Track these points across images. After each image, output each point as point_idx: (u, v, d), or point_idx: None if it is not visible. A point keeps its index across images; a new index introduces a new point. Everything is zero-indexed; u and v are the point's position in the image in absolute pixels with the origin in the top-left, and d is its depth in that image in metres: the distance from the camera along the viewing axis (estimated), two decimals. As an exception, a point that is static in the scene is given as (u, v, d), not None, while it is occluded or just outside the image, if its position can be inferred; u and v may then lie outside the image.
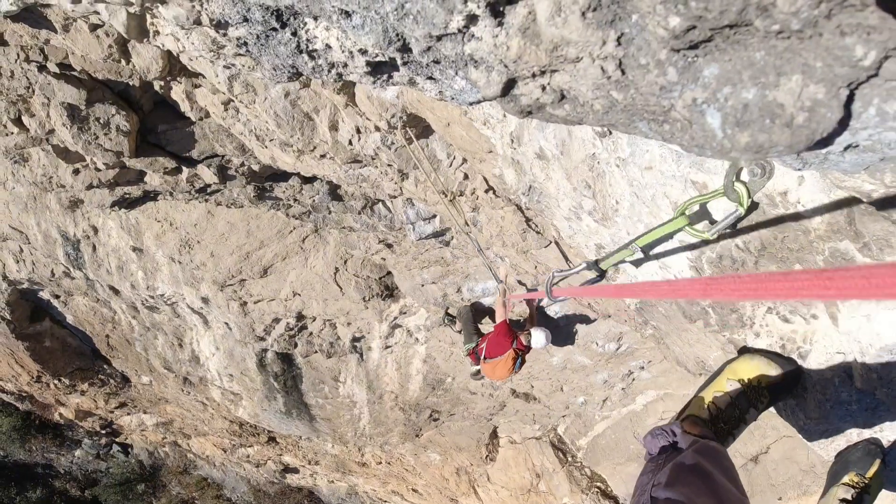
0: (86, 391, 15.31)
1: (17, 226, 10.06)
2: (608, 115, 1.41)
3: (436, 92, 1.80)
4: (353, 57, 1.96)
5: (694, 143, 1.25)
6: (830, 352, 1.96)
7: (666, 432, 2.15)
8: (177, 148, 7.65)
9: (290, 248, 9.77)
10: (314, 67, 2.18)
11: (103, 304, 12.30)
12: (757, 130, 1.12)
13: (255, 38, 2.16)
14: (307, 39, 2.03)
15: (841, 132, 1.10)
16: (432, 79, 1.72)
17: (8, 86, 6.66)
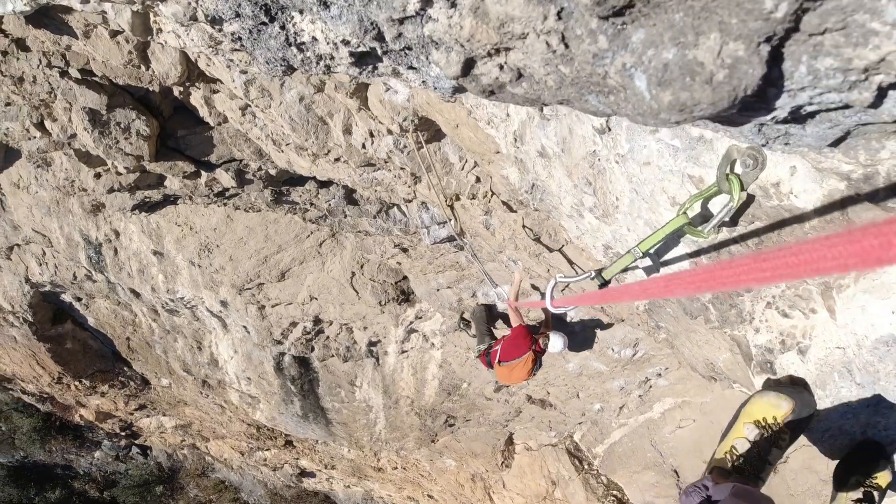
0: (106, 393, 15.51)
1: (41, 229, 10.26)
2: (561, 91, 1.41)
3: (419, 81, 1.83)
4: (337, 48, 2.00)
5: (635, 111, 1.26)
6: (830, 346, 1.94)
7: (699, 488, 2.13)
8: (196, 152, 7.77)
9: (307, 253, 9.84)
10: (303, 60, 2.22)
11: (124, 306, 12.48)
12: (678, 89, 1.12)
13: (247, 32, 2.21)
14: (294, 32, 2.07)
15: (777, 94, 1.09)
16: (413, 68, 1.75)
17: (31, 91, 6.82)
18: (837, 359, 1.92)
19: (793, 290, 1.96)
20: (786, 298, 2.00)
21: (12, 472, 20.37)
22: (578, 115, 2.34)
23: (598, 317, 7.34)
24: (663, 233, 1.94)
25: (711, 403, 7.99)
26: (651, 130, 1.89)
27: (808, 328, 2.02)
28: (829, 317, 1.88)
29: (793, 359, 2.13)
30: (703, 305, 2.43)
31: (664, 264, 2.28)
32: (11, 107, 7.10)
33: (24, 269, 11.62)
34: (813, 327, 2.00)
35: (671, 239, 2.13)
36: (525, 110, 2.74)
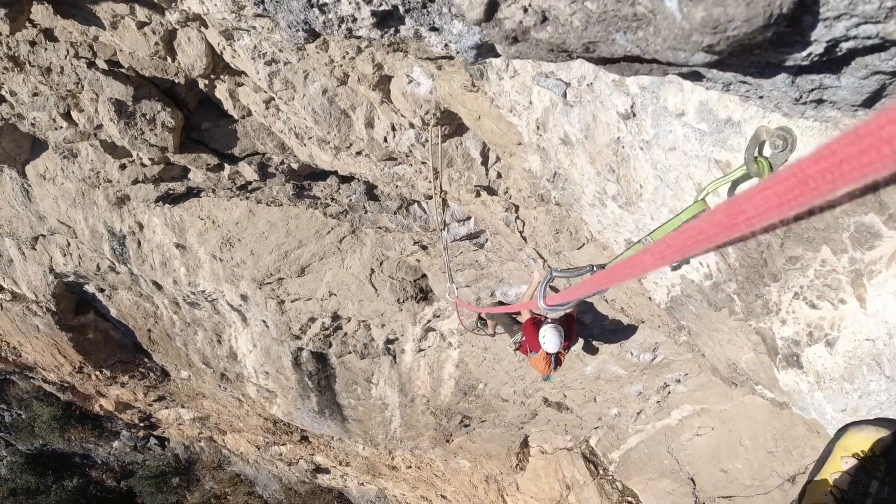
0: (126, 383, 15.71)
1: (66, 220, 10.41)
2: (587, 31, 1.37)
3: (442, 46, 1.80)
4: (359, 8, 1.98)
5: (665, 43, 1.19)
6: (859, 338, 1.87)
7: None
8: (219, 145, 7.83)
9: (327, 249, 9.87)
10: (325, 22, 2.20)
11: (146, 298, 12.62)
12: (711, 4, 1.06)
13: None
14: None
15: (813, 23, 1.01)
16: (435, 29, 1.72)
17: (58, 81, 6.92)
18: (866, 351, 1.85)
19: (822, 280, 1.90)
20: (814, 288, 1.94)
21: (31, 459, 20.68)
22: (603, 101, 2.30)
23: (618, 317, 7.25)
24: (679, 220, 1.87)
25: (731, 411, 7.85)
26: (677, 114, 1.84)
27: (837, 319, 1.95)
28: (859, 306, 1.82)
29: (820, 351, 2.06)
30: (728, 296, 2.37)
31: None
32: (39, 97, 7.21)
33: (48, 260, 11.81)
34: (842, 318, 1.93)
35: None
36: (549, 96, 2.70)
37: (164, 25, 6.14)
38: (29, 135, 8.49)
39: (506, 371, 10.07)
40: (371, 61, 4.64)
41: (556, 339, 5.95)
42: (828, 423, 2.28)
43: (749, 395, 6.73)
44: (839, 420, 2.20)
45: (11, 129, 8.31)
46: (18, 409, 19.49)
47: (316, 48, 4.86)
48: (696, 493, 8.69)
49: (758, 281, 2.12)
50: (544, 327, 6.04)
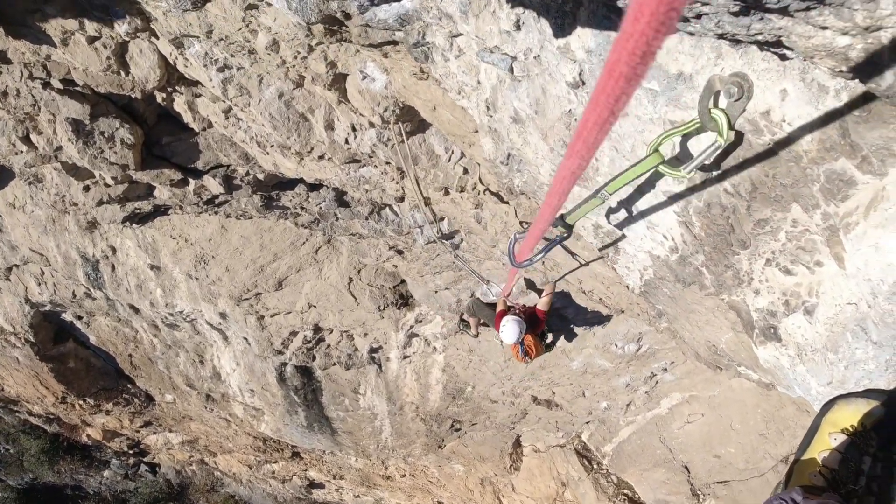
0: (111, 411, 15.38)
1: (38, 248, 10.18)
2: None
3: None
4: None
5: None
6: (840, 303, 1.73)
7: (785, 501, 1.90)
8: (182, 159, 7.63)
9: (303, 260, 9.70)
10: None
11: (125, 323, 12.36)
12: None
13: None
14: None
15: None
16: None
17: (14, 104, 6.71)
18: (849, 316, 1.71)
19: (794, 242, 1.76)
20: (787, 253, 1.80)
21: (22, 494, 20.27)
22: (551, 72, 2.15)
23: (598, 308, 7.14)
24: (634, 173, 1.74)
25: (719, 396, 7.77)
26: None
27: (815, 284, 1.81)
28: (838, 267, 1.68)
29: (799, 321, 1.92)
30: (696, 270, 2.23)
31: (642, 215, 2.07)
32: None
33: (23, 290, 11.53)
34: (820, 283, 1.79)
35: (649, 189, 1.92)
36: (496, 73, 2.55)
37: (114, 39, 5.96)
38: (-6, 163, 8.25)
39: (493, 372, 9.93)
40: (324, 59, 4.49)
41: (513, 330, 5.86)
42: (813, 398, 2.14)
43: (736, 379, 6.63)
44: (825, 395, 2.06)
45: (-25, 160, 8.08)
46: (6, 443, 19.14)
47: (267, 49, 4.71)
48: (691, 480, 8.59)
49: (726, 250, 1.98)
50: (504, 319, 5.97)
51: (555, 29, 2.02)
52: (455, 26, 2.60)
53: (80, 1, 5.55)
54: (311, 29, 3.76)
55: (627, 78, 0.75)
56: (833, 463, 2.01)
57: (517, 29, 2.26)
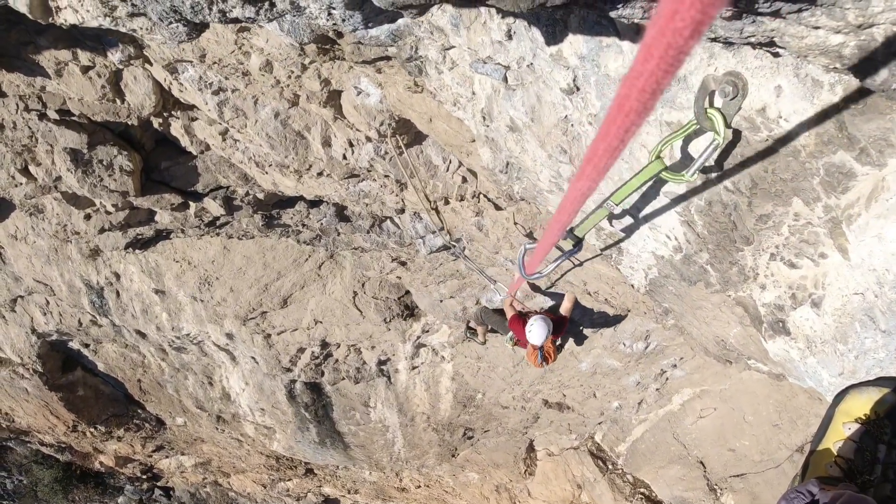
0: (122, 437, 15.37)
1: (42, 278, 10.19)
2: None
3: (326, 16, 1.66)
4: None
5: None
6: (846, 293, 1.73)
7: (802, 493, 1.89)
8: (181, 183, 7.65)
9: (307, 276, 9.71)
10: (193, 6, 2.07)
11: (132, 348, 12.37)
12: None
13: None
14: None
15: None
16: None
17: (11, 137, 6.74)
18: (857, 306, 1.71)
19: (797, 235, 1.76)
20: (791, 246, 1.80)
21: (38, 525, 20.22)
22: (545, 80, 2.17)
23: (604, 309, 7.13)
24: (638, 181, 1.75)
25: (731, 389, 7.74)
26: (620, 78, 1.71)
27: (820, 276, 1.81)
28: (842, 258, 1.68)
29: (807, 314, 1.93)
30: (701, 268, 2.23)
31: (644, 217, 2.08)
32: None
33: (29, 321, 11.55)
34: (825, 274, 1.79)
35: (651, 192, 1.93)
36: (490, 83, 2.57)
37: (108, 67, 5.99)
38: (-6, 195, 8.28)
39: (502, 378, 9.91)
40: (317, 77, 4.51)
41: (542, 331, 5.74)
42: (825, 390, 2.14)
43: (746, 371, 6.62)
44: (837, 386, 2.06)
45: (-24, 192, 8.11)
46: (19, 474, 19.13)
47: (260, 70, 4.73)
48: (707, 475, 8.55)
49: (730, 247, 1.99)
50: (532, 318, 5.84)
51: (546, 37, 2.04)
52: (447, 39, 2.62)
53: (72, 31, 5.59)
54: (304, 48, 3.79)
55: (638, 112, 0.78)
56: (848, 453, 2.00)
57: (509, 38, 2.28)
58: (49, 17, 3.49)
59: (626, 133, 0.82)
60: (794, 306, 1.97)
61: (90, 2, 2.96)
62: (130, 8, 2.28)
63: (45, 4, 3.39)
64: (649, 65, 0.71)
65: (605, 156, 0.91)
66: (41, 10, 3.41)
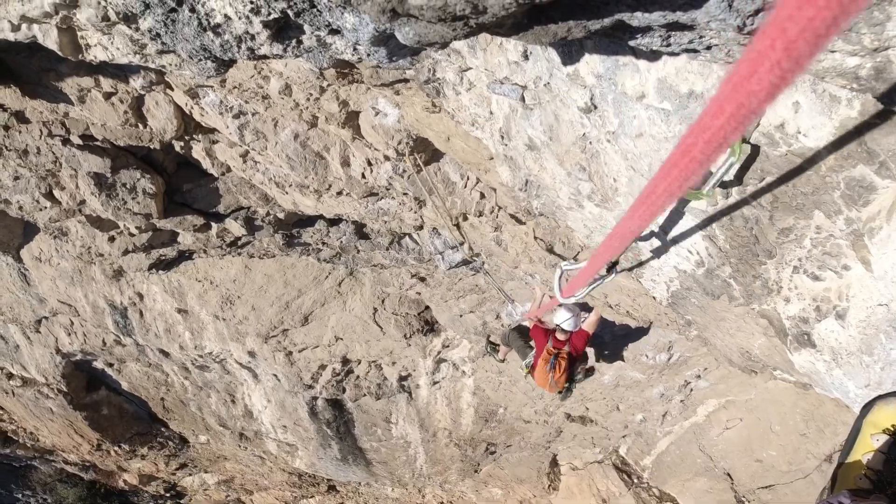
0: (146, 455, 15.48)
1: (66, 299, 10.35)
2: None
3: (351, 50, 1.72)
4: (250, 22, 1.90)
5: None
6: (871, 305, 1.73)
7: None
8: (203, 205, 7.78)
9: (327, 294, 9.78)
10: (223, 45, 2.13)
11: (155, 367, 12.49)
12: None
13: (162, 24, 2.13)
14: (206, 14, 1.99)
15: None
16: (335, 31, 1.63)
17: (35, 162, 6.89)
18: (881, 317, 1.71)
19: (820, 248, 1.77)
20: (813, 259, 1.81)
21: (62, 544, 20.32)
22: (562, 99, 2.20)
23: (626, 322, 7.09)
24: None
25: (756, 399, 7.64)
26: (638, 97, 1.74)
27: (844, 288, 1.81)
28: (865, 270, 1.68)
29: (832, 326, 1.92)
30: (724, 282, 2.23)
31: (673, 242, 2.10)
32: (20, 180, 7.18)
33: (53, 341, 11.72)
34: (849, 286, 1.79)
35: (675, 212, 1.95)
36: (507, 103, 2.61)
37: (130, 93, 6.13)
38: (19, 219, 8.46)
39: (523, 392, 9.87)
40: (336, 99, 4.59)
41: (568, 315, 5.51)
42: (852, 401, 2.13)
43: (772, 381, 6.53)
44: (863, 397, 2.04)
45: (1, 216, 8.30)
46: (43, 493, 19.25)
47: (280, 94, 4.83)
48: (735, 487, 8.42)
49: (752, 260, 1.99)
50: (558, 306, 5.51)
51: (562, 57, 2.07)
52: (464, 61, 2.67)
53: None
54: (323, 73, 3.86)
55: (700, 162, 0.80)
56: (878, 464, 1.99)
57: (525, 59, 2.32)
58: (79, 55, 3.60)
59: (685, 178, 0.84)
60: (818, 318, 1.97)
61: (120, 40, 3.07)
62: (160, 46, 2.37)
63: (74, 42, 3.50)
64: (718, 120, 0.73)
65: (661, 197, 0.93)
66: (71, 47, 3.51)
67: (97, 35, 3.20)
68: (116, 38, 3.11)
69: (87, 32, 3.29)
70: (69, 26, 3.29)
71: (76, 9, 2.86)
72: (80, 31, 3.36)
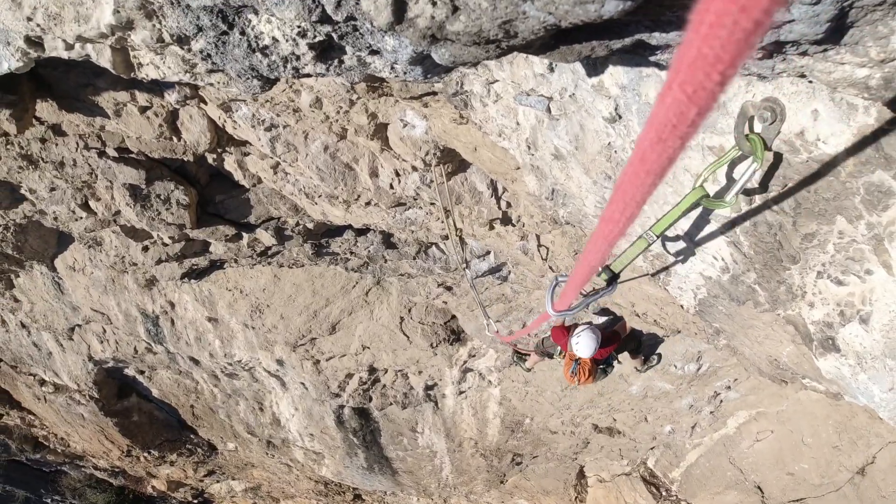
0: (175, 462, 15.72)
1: (99, 308, 10.60)
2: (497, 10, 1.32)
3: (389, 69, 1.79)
4: (297, 44, 1.99)
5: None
6: (894, 308, 1.74)
7: None
8: (235, 215, 7.95)
9: (354, 303, 9.87)
10: (270, 65, 2.23)
11: (185, 375, 12.71)
12: None
13: (213, 46, 2.23)
14: (255, 36, 2.08)
15: None
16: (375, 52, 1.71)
17: (72, 173, 7.10)
18: (905, 321, 1.73)
19: (843, 253, 1.79)
20: (837, 264, 1.83)
21: (90, 549, 20.62)
22: (587, 109, 2.25)
23: (653, 330, 7.05)
24: (679, 210, 1.79)
25: (788, 411, 7.52)
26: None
27: (867, 292, 1.83)
28: (887, 274, 1.71)
29: (856, 330, 1.94)
30: (749, 288, 2.26)
31: (698, 248, 2.12)
32: (56, 191, 7.41)
33: (86, 348, 11.98)
34: (872, 290, 1.81)
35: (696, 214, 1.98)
36: (534, 114, 2.68)
37: (165, 107, 6.32)
38: (53, 230, 8.72)
39: (550, 402, 9.83)
40: (365, 112, 4.70)
41: (590, 342, 5.42)
42: (877, 406, 2.13)
43: (803, 392, 6.44)
44: (889, 401, 2.05)
45: (36, 227, 8.56)
46: (73, 498, 19.59)
47: (311, 107, 4.95)
48: (766, 500, 8.28)
49: (776, 266, 2.02)
50: (580, 328, 5.53)
51: (587, 69, 2.13)
52: (491, 74, 2.74)
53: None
54: (354, 87, 3.97)
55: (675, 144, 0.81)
56: None
57: (551, 71, 2.38)
58: (131, 73, 3.75)
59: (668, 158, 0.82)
60: (842, 323, 1.98)
61: (172, 59, 3.20)
62: (210, 66, 2.48)
63: (127, 61, 3.65)
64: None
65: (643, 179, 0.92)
66: (124, 66, 3.66)
67: (150, 55, 3.34)
68: (169, 57, 3.25)
69: (139, 52, 3.43)
70: (123, 46, 3.44)
71: (132, 30, 3.00)
72: (132, 51, 3.50)
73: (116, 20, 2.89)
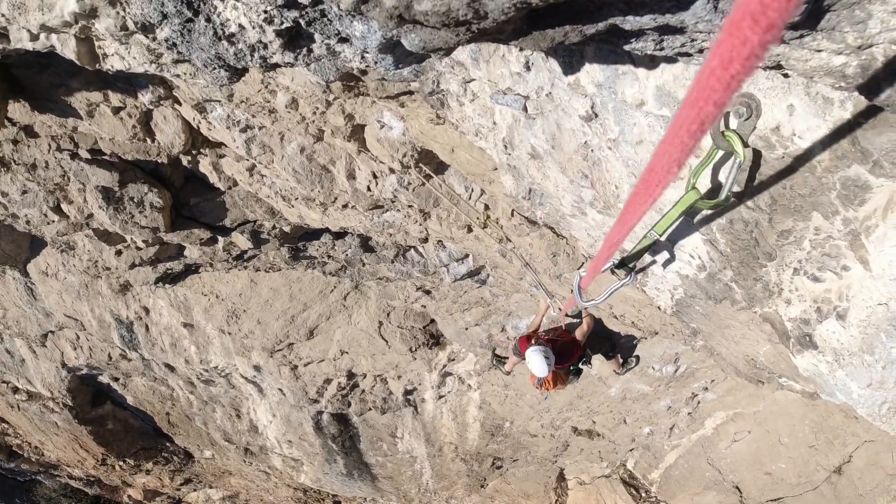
0: (151, 470, 15.47)
1: (72, 314, 10.40)
2: None
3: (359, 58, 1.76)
4: (264, 31, 1.95)
5: None
6: (871, 304, 1.75)
7: None
8: (210, 218, 7.84)
9: (333, 307, 9.80)
10: (237, 54, 2.19)
11: (161, 382, 12.51)
12: None
13: (178, 34, 2.20)
14: (221, 24, 2.04)
15: None
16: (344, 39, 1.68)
17: (44, 176, 6.96)
18: (881, 316, 1.73)
19: (819, 249, 1.79)
20: (813, 260, 1.83)
21: (65, 559, 20.28)
22: (564, 108, 2.24)
23: (631, 332, 7.08)
24: (677, 211, 1.81)
25: (765, 411, 7.60)
26: (637, 105, 1.77)
27: (844, 288, 1.83)
28: (864, 269, 1.71)
29: (833, 327, 1.94)
30: (725, 286, 2.25)
31: (676, 247, 2.12)
32: (28, 194, 7.26)
33: (59, 355, 11.76)
34: (849, 286, 1.81)
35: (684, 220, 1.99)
36: (510, 113, 2.66)
37: (138, 108, 6.21)
38: (26, 234, 8.54)
39: (530, 406, 9.83)
40: (341, 112, 4.65)
41: (539, 364, 5.54)
42: (855, 402, 2.14)
43: (780, 392, 6.51)
44: (866, 397, 2.05)
45: (9, 230, 8.38)
46: (48, 508, 19.26)
47: (286, 108, 4.89)
48: (744, 500, 8.35)
49: (753, 263, 2.01)
50: (529, 351, 5.63)
51: (563, 67, 2.12)
52: (467, 72, 2.72)
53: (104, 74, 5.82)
54: (330, 86, 3.92)
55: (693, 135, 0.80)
56: None
57: (527, 70, 2.36)
58: (96, 64, 3.67)
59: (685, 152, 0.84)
60: (819, 320, 1.98)
61: (137, 49, 3.13)
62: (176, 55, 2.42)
63: (92, 52, 3.56)
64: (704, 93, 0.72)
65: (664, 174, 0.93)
66: (88, 57, 3.58)
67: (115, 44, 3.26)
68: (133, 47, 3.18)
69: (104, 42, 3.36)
70: (87, 36, 3.36)
71: (95, 19, 2.93)
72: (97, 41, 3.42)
73: (80, 7, 2.82)
